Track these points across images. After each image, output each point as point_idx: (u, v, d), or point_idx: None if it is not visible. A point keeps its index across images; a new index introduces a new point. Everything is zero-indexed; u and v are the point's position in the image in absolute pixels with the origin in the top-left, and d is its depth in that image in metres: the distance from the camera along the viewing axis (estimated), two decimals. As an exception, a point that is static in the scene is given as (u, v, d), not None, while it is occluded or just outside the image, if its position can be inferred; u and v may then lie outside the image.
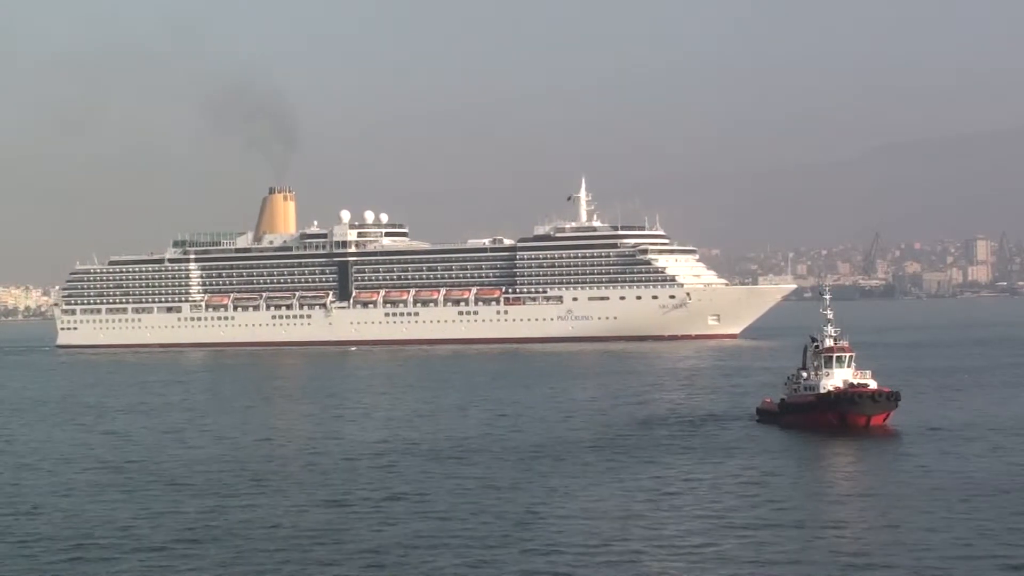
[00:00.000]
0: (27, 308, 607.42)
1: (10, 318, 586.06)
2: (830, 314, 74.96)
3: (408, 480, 58.06)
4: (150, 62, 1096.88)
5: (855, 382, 72.43)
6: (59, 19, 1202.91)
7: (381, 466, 62.83)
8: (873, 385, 72.57)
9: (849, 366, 73.25)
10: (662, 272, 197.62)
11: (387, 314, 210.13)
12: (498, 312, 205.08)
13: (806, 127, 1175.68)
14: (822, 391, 72.10)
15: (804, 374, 74.74)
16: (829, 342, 74.12)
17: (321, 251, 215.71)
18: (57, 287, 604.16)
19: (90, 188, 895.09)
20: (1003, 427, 73.38)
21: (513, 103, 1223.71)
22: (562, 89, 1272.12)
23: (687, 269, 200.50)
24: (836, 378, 72.55)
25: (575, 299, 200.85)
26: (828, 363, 73.23)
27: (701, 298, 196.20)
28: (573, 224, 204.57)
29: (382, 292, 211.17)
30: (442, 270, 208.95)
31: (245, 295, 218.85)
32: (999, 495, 51.56)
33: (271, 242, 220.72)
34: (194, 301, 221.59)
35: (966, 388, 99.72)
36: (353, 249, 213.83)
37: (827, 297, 77.37)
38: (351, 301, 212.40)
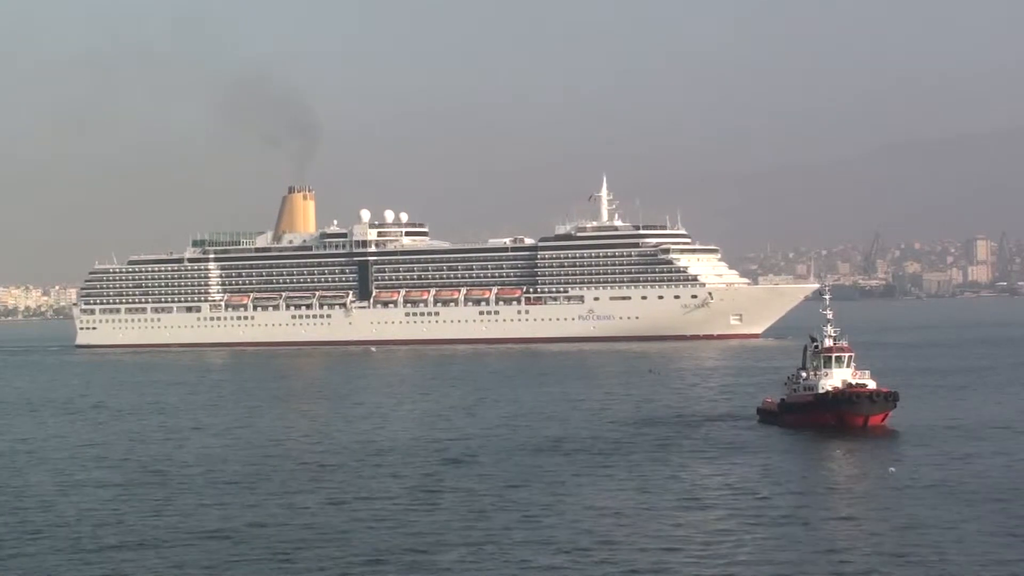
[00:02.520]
0: (27, 308, 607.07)
1: (10, 318, 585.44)
2: (830, 314, 75.13)
3: (413, 480, 58.15)
4: (162, 61, 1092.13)
5: (854, 382, 72.42)
6: (70, 19, 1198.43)
7: (377, 465, 63.12)
8: (872, 385, 72.56)
9: (848, 366, 73.23)
10: (684, 272, 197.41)
11: (407, 314, 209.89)
12: (519, 312, 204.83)
13: (806, 127, 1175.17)
14: (821, 391, 72.18)
15: (804, 374, 74.81)
16: (828, 342, 74.18)
17: (341, 250, 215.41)
18: (58, 287, 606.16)
19: (98, 188, 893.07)
20: (1003, 427, 73.32)
21: (517, 104, 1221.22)
22: (562, 90, 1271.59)
23: (709, 268, 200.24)
24: (835, 378, 72.53)
25: (596, 299, 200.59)
26: (827, 363, 73.20)
27: (723, 298, 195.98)
28: (594, 223, 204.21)
29: (402, 292, 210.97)
30: (463, 270, 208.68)
31: (265, 295, 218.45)
32: (997, 494, 51.51)
33: (291, 241, 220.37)
34: (214, 301, 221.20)
35: (966, 388, 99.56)
36: (373, 248, 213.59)
37: (827, 297, 77.73)
38: (371, 301, 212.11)
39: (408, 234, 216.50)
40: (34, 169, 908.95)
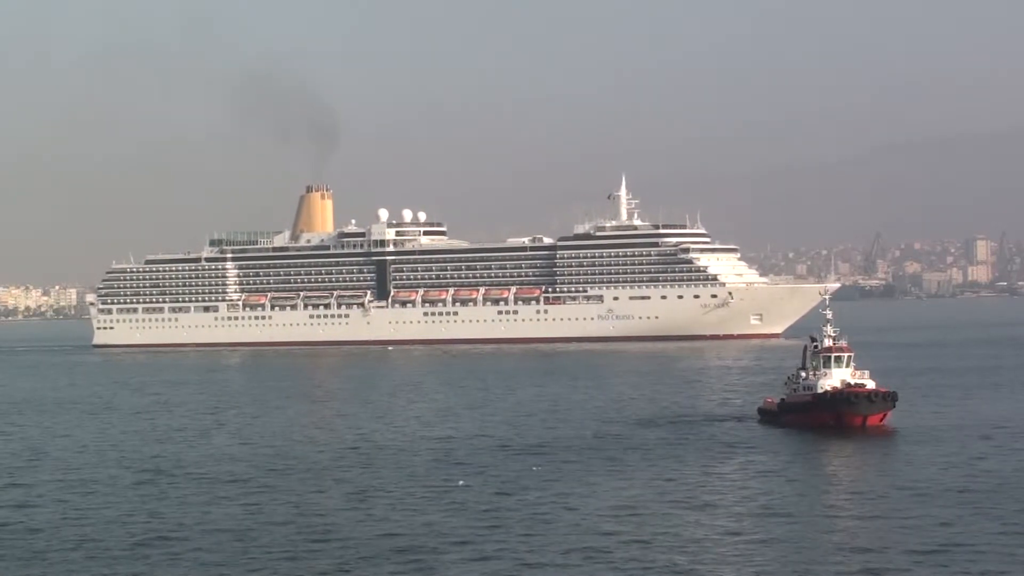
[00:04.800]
0: (27, 308, 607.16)
1: (10, 318, 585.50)
2: (829, 314, 75.42)
3: (415, 479, 58.27)
4: (174, 59, 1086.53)
5: (852, 382, 72.56)
6: (81, 19, 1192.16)
7: (381, 464, 63.64)
8: (871, 385, 72.70)
9: (848, 366, 73.37)
10: (704, 271, 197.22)
11: (426, 313, 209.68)
12: (538, 312, 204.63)
13: (807, 127, 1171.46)
14: (819, 391, 72.39)
15: (803, 374, 74.99)
16: (828, 342, 74.33)
17: (359, 250, 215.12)
18: (58, 287, 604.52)
19: (103, 188, 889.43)
20: (1006, 427, 73.15)
21: (535, 102, 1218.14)
22: (562, 90, 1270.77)
23: (729, 268, 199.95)
24: (834, 378, 72.69)
25: (616, 298, 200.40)
26: (827, 363, 73.40)
27: (743, 297, 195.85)
28: (613, 223, 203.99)
29: (420, 291, 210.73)
30: (481, 269, 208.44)
31: (283, 294, 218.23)
32: (999, 494, 51.59)
33: (308, 241, 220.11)
34: (231, 300, 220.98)
35: (968, 388, 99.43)
36: (391, 248, 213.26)
37: (827, 297, 78.33)
38: (389, 300, 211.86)
39: (426, 233, 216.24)
40: (38, 168, 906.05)
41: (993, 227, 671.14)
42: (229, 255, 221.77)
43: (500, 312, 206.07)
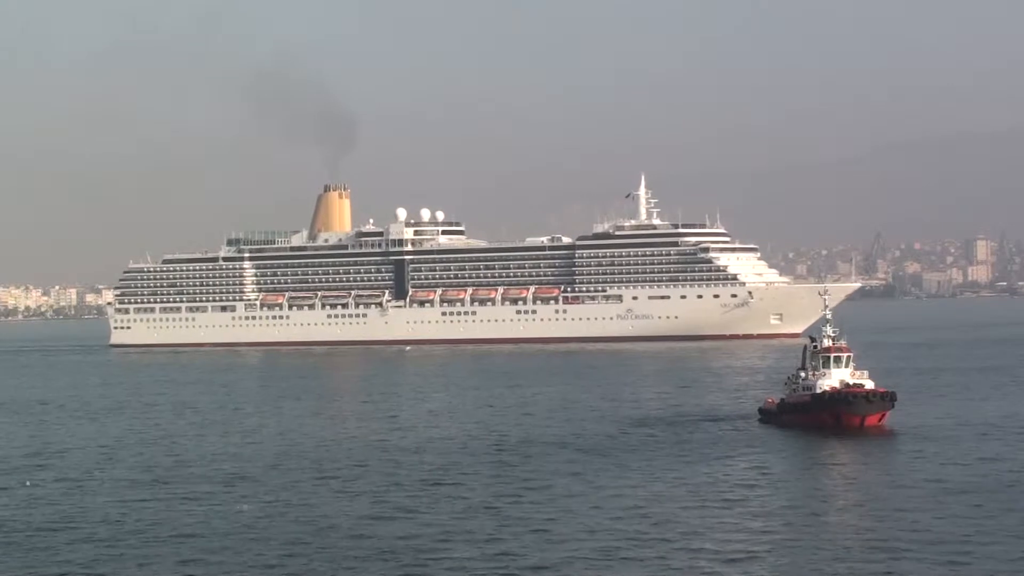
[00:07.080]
0: (27, 308, 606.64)
1: (10, 318, 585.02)
2: (829, 314, 75.36)
3: (414, 480, 58.19)
4: (186, 56, 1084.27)
5: (851, 382, 72.45)
6: (89, 16, 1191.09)
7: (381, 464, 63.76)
8: (869, 385, 72.59)
9: (847, 366, 73.29)
10: (724, 271, 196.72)
11: (444, 313, 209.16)
12: (557, 311, 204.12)
13: (807, 127, 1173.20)
14: (818, 391, 72.30)
15: (803, 374, 74.93)
16: (827, 342, 74.21)
17: (377, 249, 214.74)
18: (58, 287, 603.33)
19: (105, 187, 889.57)
20: (999, 427, 73.02)
21: (551, 101, 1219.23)
22: (564, 90, 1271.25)
23: (749, 268, 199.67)
24: (833, 378, 72.56)
25: (635, 298, 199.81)
26: (826, 363, 73.28)
27: (763, 297, 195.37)
28: (633, 222, 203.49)
29: (439, 291, 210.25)
30: (500, 269, 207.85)
31: (300, 294, 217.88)
32: (995, 493, 51.52)
33: (326, 240, 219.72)
34: (249, 300, 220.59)
35: (966, 388, 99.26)
36: (409, 247, 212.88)
37: (826, 297, 79.08)
38: (407, 300, 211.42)
39: (444, 233, 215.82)
40: (39, 168, 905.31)
41: (993, 227, 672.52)
42: (247, 255, 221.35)
43: (519, 312, 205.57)
